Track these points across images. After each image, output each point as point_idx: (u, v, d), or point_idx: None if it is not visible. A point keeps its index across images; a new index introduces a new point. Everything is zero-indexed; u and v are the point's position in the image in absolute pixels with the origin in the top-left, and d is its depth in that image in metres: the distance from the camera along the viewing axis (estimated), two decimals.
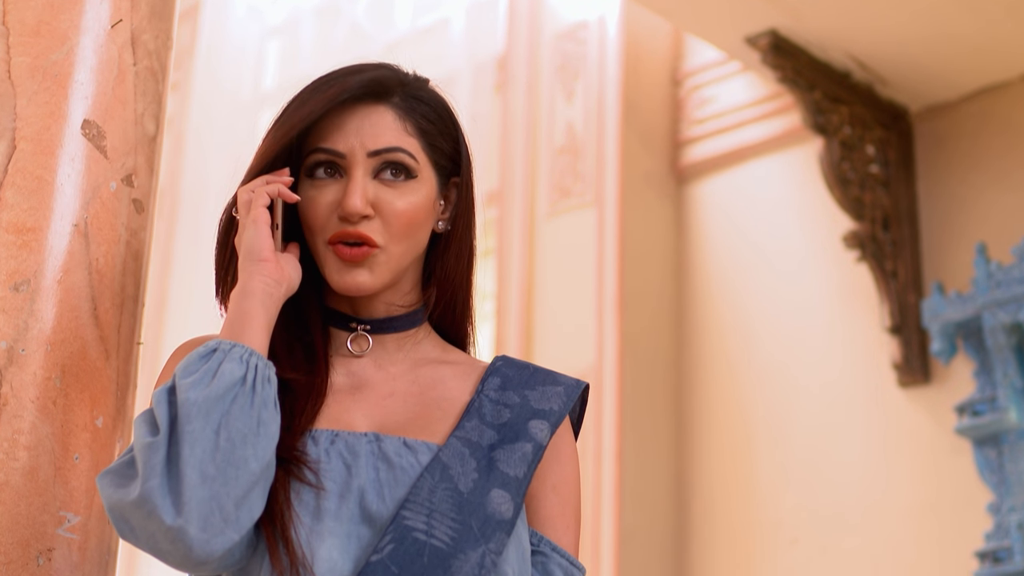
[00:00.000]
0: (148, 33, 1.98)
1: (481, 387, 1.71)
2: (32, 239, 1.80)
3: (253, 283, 1.62)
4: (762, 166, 4.85)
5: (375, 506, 1.57)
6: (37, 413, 1.75)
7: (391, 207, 1.68)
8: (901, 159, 4.49)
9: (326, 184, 1.70)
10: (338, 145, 1.69)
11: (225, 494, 1.48)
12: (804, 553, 4.42)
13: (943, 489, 4.22)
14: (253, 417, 1.52)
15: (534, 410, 1.69)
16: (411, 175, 1.70)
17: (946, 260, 4.39)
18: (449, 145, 1.77)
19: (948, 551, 4.15)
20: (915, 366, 4.31)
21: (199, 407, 1.50)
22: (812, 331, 4.60)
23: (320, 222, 1.69)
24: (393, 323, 1.74)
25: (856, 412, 4.45)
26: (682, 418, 4.81)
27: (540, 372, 1.75)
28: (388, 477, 1.59)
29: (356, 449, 1.61)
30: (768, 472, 4.57)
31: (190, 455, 1.47)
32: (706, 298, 4.87)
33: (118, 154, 1.90)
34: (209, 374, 1.52)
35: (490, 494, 1.59)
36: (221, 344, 1.56)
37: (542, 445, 1.66)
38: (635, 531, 4.58)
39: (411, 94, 1.75)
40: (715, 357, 4.80)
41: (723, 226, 4.91)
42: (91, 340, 1.82)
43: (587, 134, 5.03)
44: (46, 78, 1.87)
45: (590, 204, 4.93)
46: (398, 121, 1.72)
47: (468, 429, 1.65)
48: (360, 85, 1.71)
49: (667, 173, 5.03)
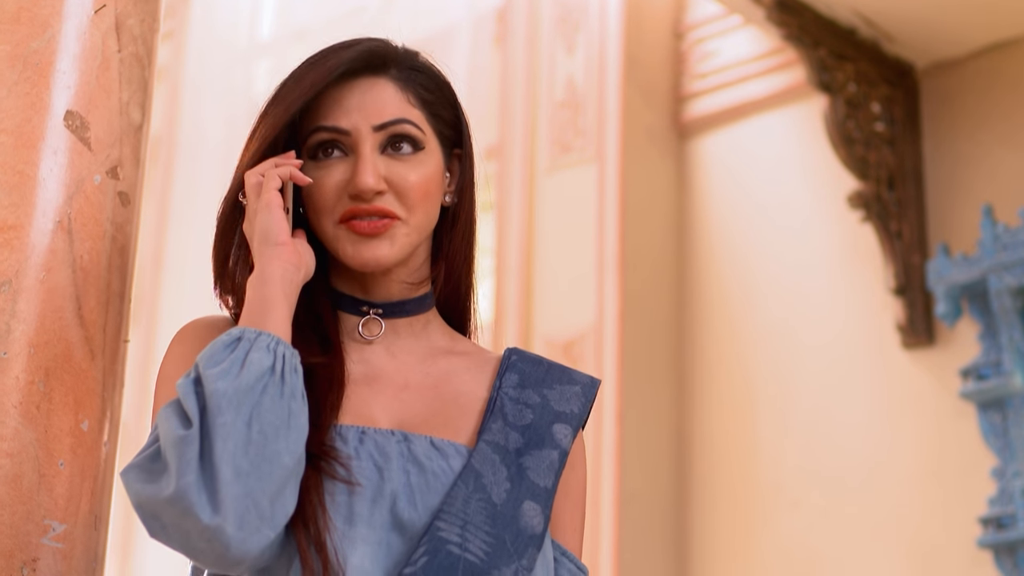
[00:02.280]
0: (133, 18, 1.91)
1: (499, 383, 1.67)
2: (13, 237, 1.74)
3: (272, 268, 1.56)
4: (765, 122, 4.78)
5: (407, 513, 1.52)
6: (20, 419, 1.70)
7: (404, 180, 1.63)
8: (907, 117, 4.42)
9: (332, 164, 1.64)
10: (341, 122, 1.64)
11: (260, 490, 1.43)
12: (805, 516, 4.39)
13: (946, 453, 4.18)
14: (284, 408, 1.46)
15: (556, 412, 1.66)
16: (419, 147, 1.66)
17: (952, 221, 4.33)
18: (450, 114, 1.72)
19: (951, 516, 4.11)
20: (919, 328, 4.26)
21: (229, 399, 1.44)
22: (815, 290, 4.55)
23: (329, 204, 1.63)
24: (405, 307, 1.69)
25: (859, 373, 4.40)
26: (683, 378, 4.76)
27: (554, 368, 1.72)
28: (420, 482, 1.54)
29: (386, 450, 1.56)
30: (770, 434, 4.53)
31: (223, 450, 1.42)
32: (708, 256, 4.82)
33: (102, 146, 1.83)
34: (237, 363, 1.46)
35: (522, 507, 1.56)
36: (246, 332, 1.50)
37: (566, 452, 1.63)
38: (635, 493, 4.55)
39: (407, 64, 1.70)
40: (717, 316, 4.75)
41: (725, 183, 4.85)
42: (76, 341, 1.76)
43: (588, 88, 4.96)
44: (27, 67, 1.80)
45: (591, 160, 4.86)
46: (399, 92, 1.67)
47: (495, 432, 1.61)
48: (356, 57, 1.66)
49: (669, 128, 4.96)
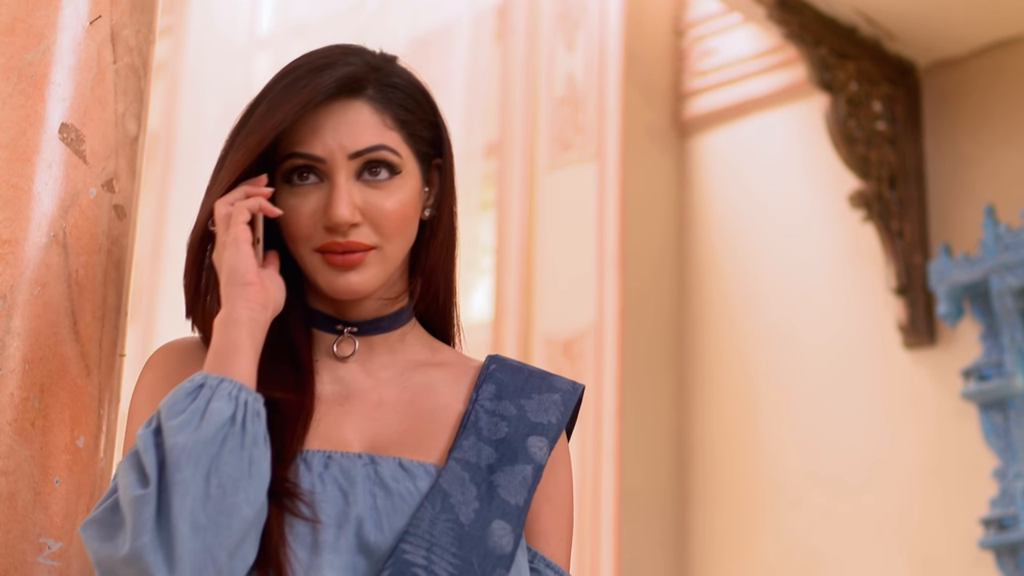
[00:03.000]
0: (129, 28, 1.89)
1: (475, 395, 1.64)
2: (8, 252, 1.73)
3: (238, 310, 1.53)
4: (766, 120, 4.76)
5: (373, 536, 1.51)
6: (15, 436, 1.68)
7: (379, 209, 1.60)
8: (908, 116, 4.40)
9: (307, 191, 1.60)
10: (316, 149, 1.60)
11: (218, 545, 1.41)
12: (806, 515, 4.38)
13: (947, 453, 4.17)
14: (244, 459, 1.45)
15: (532, 424, 1.63)
16: (395, 171, 1.61)
17: (953, 220, 4.31)
18: (429, 131, 1.67)
19: (952, 516, 4.10)
20: (921, 328, 4.24)
21: (188, 453, 1.42)
22: (816, 289, 4.53)
23: (305, 232, 1.60)
24: (380, 323, 1.67)
25: (860, 373, 4.39)
26: (683, 376, 4.75)
27: (535, 376, 1.68)
28: (386, 505, 1.52)
29: (352, 474, 1.54)
30: (770, 433, 4.52)
31: (181, 506, 1.40)
32: (708, 254, 4.80)
33: (98, 158, 1.82)
34: (197, 415, 1.44)
35: (491, 526, 1.54)
36: (208, 379, 1.48)
37: (541, 465, 1.60)
38: (636, 491, 4.53)
39: (384, 82, 1.65)
40: (717, 314, 4.73)
41: (726, 181, 4.83)
42: (71, 356, 1.74)
43: (588, 85, 4.94)
44: (21, 79, 1.79)
45: (591, 158, 4.84)
46: (376, 115, 1.62)
47: (466, 448, 1.58)
48: (332, 83, 1.61)
49: (669, 126, 4.94)
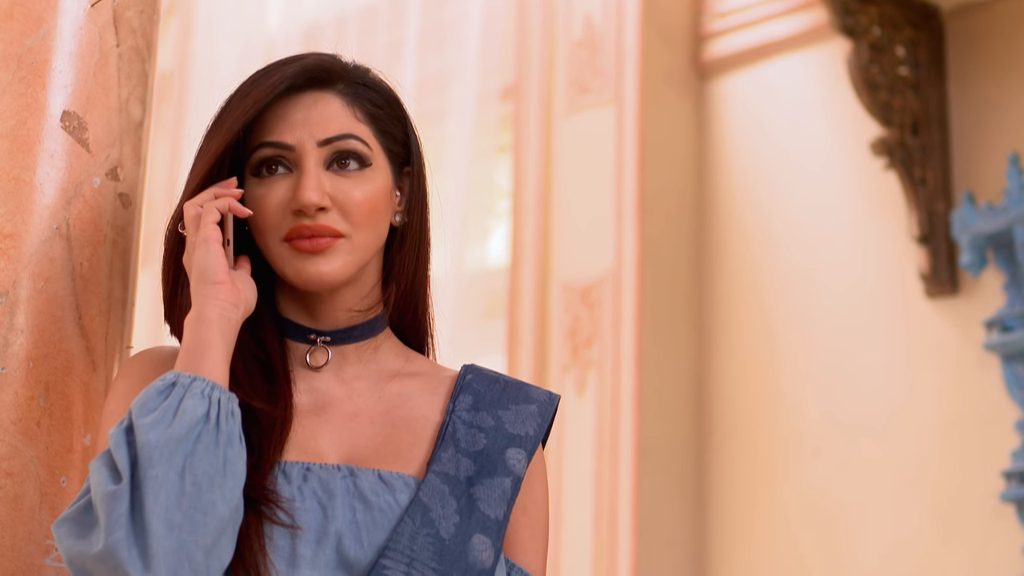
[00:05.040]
0: (132, 9, 1.84)
1: (452, 406, 1.64)
2: (10, 246, 1.69)
3: (209, 308, 1.51)
4: (787, 63, 4.68)
5: (353, 551, 1.50)
6: (20, 436, 1.65)
7: (348, 197, 1.59)
8: (932, 61, 4.31)
9: (275, 181, 1.60)
10: (285, 137, 1.60)
11: (193, 543, 1.40)
12: (826, 464, 4.35)
13: (969, 405, 4.12)
14: (219, 457, 1.43)
15: (510, 436, 1.63)
16: (365, 163, 1.61)
17: (977, 168, 4.24)
18: (399, 131, 1.68)
19: (973, 468, 4.06)
20: (943, 277, 4.18)
21: (161, 450, 1.40)
22: (837, 236, 4.47)
23: (272, 221, 1.59)
24: (353, 332, 1.65)
25: (881, 322, 4.34)
26: (702, 323, 4.71)
27: (511, 386, 1.68)
28: (366, 519, 1.52)
29: (331, 487, 1.53)
30: (790, 381, 4.48)
31: (154, 503, 1.38)
32: (728, 199, 4.74)
33: (101, 146, 1.77)
34: (170, 412, 1.43)
35: (471, 541, 1.54)
36: (180, 378, 1.46)
37: (520, 478, 1.61)
38: (654, 441, 4.51)
39: (356, 79, 1.66)
40: (737, 261, 4.68)
41: (746, 125, 4.75)
42: (76, 352, 1.71)
43: (606, 27, 4.86)
44: (21, 67, 1.74)
45: (609, 102, 4.77)
46: (346, 107, 1.63)
47: (444, 461, 1.58)
48: (302, 71, 1.62)
49: (688, 69, 4.86)
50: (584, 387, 4.58)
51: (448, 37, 5.33)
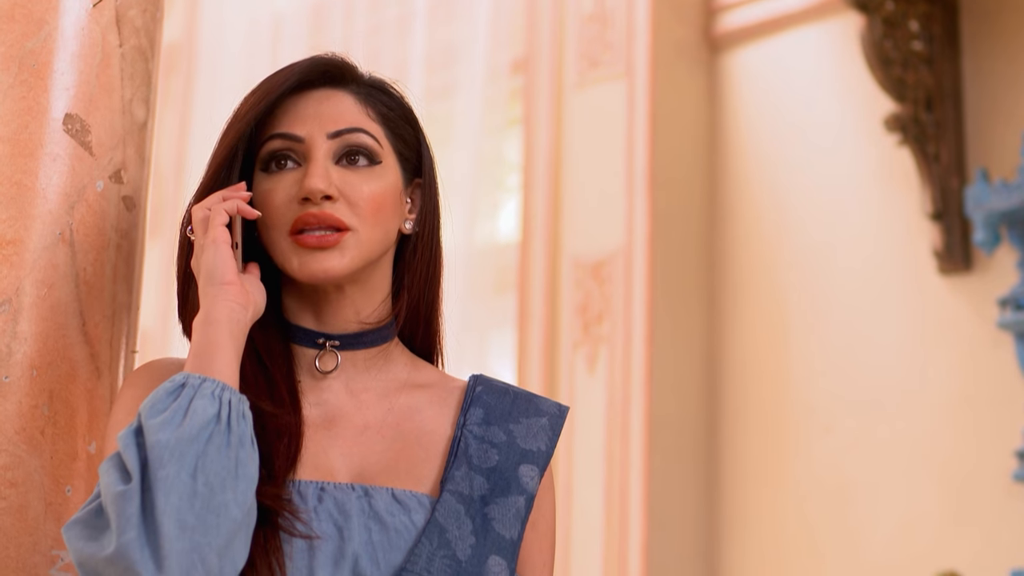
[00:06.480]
0: (135, 8, 1.82)
1: (463, 420, 1.62)
2: (12, 253, 1.67)
3: (217, 309, 1.50)
4: (800, 36, 4.63)
5: (370, 572, 1.49)
6: (24, 446, 1.64)
7: (356, 190, 1.58)
8: (946, 35, 4.26)
9: (283, 175, 1.59)
10: (295, 129, 1.59)
11: (206, 544, 1.38)
12: (837, 442, 4.33)
13: (981, 382, 4.10)
14: (231, 458, 1.41)
15: (522, 451, 1.61)
16: (375, 160, 1.61)
17: (992, 145, 4.19)
18: (411, 136, 1.67)
19: (986, 448, 4.04)
20: (956, 254, 4.15)
21: (171, 450, 1.39)
22: (849, 212, 4.44)
23: (279, 213, 1.58)
24: (363, 338, 1.64)
25: (894, 298, 4.31)
26: (714, 299, 4.68)
27: (520, 398, 1.67)
28: (382, 540, 1.51)
29: (346, 508, 1.52)
30: (802, 358, 4.46)
31: (166, 504, 1.37)
32: (740, 174, 4.70)
33: (104, 149, 1.75)
34: (180, 412, 1.41)
35: (487, 563, 1.53)
36: (189, 379, 1.45)
37: (533, 495, 1.60)
38: (666, 418, 4.49)
39: (369, 83, 1.66)
40: (749, 236, 4.65)
41: (758, 99, 4.71)
42: (81, 359, 1.69)
43: (616, 0, 4.81)
44: (23, 69, 1.72)
45: (620, 76, 4.73)
46: (358, 105, 1.63)
47: (458, 480, 1.57)
48: (315, 66, 1.63)
49: (700, 42, 4.82)
50: (595, 364, 4.56)
51: (458, 10, 5.29)
